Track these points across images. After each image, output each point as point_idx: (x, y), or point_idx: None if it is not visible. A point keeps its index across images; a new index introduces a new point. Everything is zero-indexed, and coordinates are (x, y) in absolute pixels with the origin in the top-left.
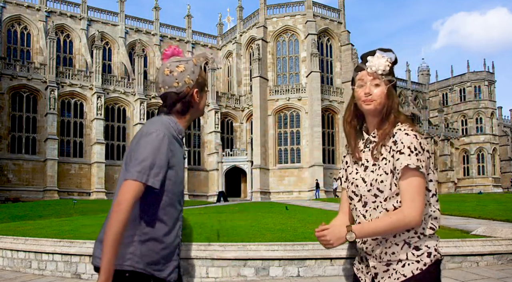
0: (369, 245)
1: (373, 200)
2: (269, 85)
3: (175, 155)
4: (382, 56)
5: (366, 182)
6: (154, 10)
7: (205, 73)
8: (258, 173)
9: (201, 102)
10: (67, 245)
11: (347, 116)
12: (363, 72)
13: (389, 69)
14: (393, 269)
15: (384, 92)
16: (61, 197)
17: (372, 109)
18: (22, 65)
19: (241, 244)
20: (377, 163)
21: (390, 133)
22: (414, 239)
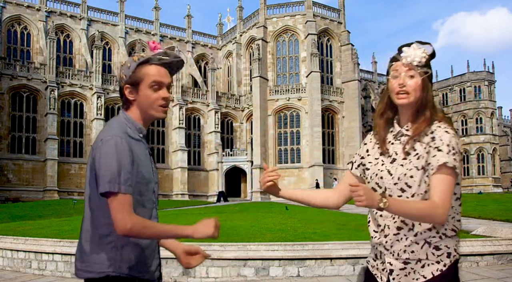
0: (389, 239)
1: (399, 194)
2: (269, 85)
3: (137, 156)
4: (419, 47)
5: (393, 175)
6: (154, 10)
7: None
8: (258, 173)
9: (140, 101)
10: (67, 245)
11: (379, 108)
12: (398, 63)
13: (425, 61)
14: (411, 268)
15: (419, 84)
16: (61, 197)
17: (406, 103)
18: (22, 65)
19: (241, 244)
20: (408, 157)
21: (426, 131)
22: (435, 239)
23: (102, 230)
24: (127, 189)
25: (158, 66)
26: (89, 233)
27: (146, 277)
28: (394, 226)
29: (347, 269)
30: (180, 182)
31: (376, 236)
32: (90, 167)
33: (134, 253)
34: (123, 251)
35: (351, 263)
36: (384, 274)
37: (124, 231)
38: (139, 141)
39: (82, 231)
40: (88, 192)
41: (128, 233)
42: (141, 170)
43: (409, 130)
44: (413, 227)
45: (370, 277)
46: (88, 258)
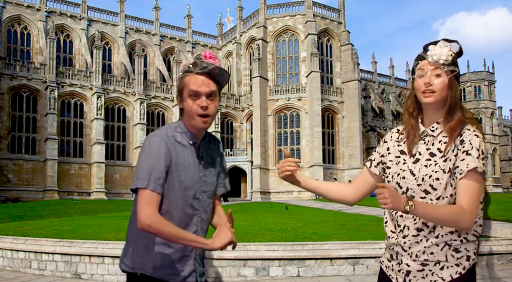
0: (408, 240)
1: (422, 196)
2: (269, 85)
3: (177, 160)
4: (445, 45)
5: (416, 176)
6: (154, 10)
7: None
8: (258, 173)
9: (186, 109)
10: (67, 245)
11: (409, 107)
12: (424, 61)
13: (452, 60)
14: (429, 270)
15: (446, 83)
16: (61, 197)
17: (432, 102)
18: (22, 65)
19: (241, 244)
20: (433, 158)
21: (460, 131)
22: (456, 242)
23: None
24: (156, 187)
25: (198, 75)
26: (130, 229)
27: (174, 280)
28: (414, 227)
29: (347, 269)
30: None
31: (394, 236)
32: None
33: (163, 255)
34: (151, 251)
35: (351, 263)
36: (400, 275)
37: (143, 226)
38: (187, 146)
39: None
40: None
41: (146, 228)
42: (180, 174)
43: (434, 131)
44: (434, 229)
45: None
46: (127, 252)
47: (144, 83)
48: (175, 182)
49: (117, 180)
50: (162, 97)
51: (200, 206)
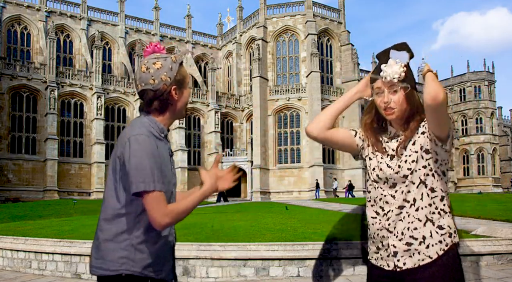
0: (392, 221)
1: (403, 181)
2: (269, 85)
3: (160, 154)
4: (395, 61)
5: (392, 167)
6: (154, 10)
7: (185, 70)
8: (258, 173)
9: (181, 99)
10: (67, 245)
11: (366, 119)
12: (379, 81)
13: (405, 74)
14: (415, 249)
15: (403, 98)
16: (61, 197)
17: (394, 118)
18: (22, 65)
19: (241, 244)
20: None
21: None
22: (435, 216)
23: (118, 228)
24: (162, 187)
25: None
26: (108, 230)
27: (160, 277)
28: (396, 206)
29: (347, 269)
30: (180, 182)
31: (376, 221)
32: (114, 168)
33: (149, 252)
34: (137, 250)
35: (351, 263)
36: (389, 259)
37: (163, 225)
38: (161, 140)
39: (98, 228)
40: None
41: (167, 226)
42: (164, 169)
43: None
44: (415, 203)
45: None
46: (103, 255)
47: None
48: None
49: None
50: None
51: (173, 200)
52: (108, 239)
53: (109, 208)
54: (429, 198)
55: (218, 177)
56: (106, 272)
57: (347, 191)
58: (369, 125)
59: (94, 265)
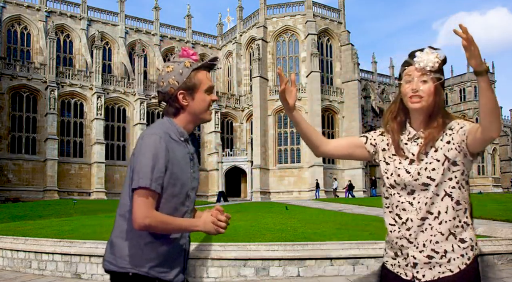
0: (413, 231)
1: (423, 189)
2: (269, 85)
3: (174, 157)
4: (432, 52)
5: (411, 173)
6: (154, 10)
7: (204, 76)
8: (258, 173)
9: (194, 105)
10: (67, 245)
11: (392, 110)
12: (411, 67)
13: (438, 66)
14: (436, 262)
15: (432, 90)
16: (61, 197)
17: (419, 108)
18: (22, 65)
19: (241, 244)
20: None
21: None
22: (458, 229)
23: (129, 226)
24: (157, 187)
25: (205, 71)
26: (120, 226)
27: (167, 278)
28: (417, 217)
29: (347, 269)
30: None
31: (394, 229)
32: (130, 165)
33: (157, 253)
34: (145, 250)
35: (351, 263)
36: (408, 269)
37: (141, 226)
38: (180, 143)
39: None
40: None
41: (143, 228)
42: (176, 172)
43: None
44: (439, 216)
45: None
46: (115, 251)
47: (144, 83)
48: (171, 180)
49: (117, 180)
50: None
51: (190, 203)
52: (120, 236)
53: (123, 204)
54: (454, 211)
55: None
56: (115, 268)
57: (347, 191)
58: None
59: (106, 259)
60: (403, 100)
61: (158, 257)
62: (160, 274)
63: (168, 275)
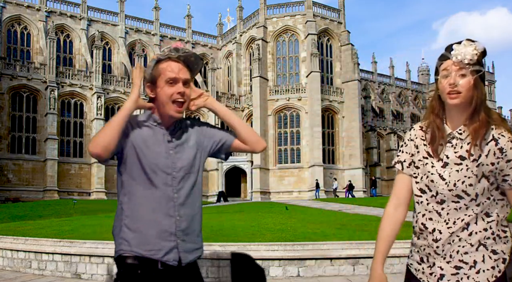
0: (441, 244)
1: (455, 201)
2: (269, 85)
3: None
4: (470, 44)
5: (446, 180)
6: (154, 10)
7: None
8: (258, 173)
9: (159, 97)
10: (67, 245)
11: (434, 108)
12: (448, 61)
13: (477, 59)
14: (464, 273)
15: (471, 83)
16: (61, 197)
17: (458, 104)
18: (22, 65)
19: (241, 244)
20: (464, 162)
21: (485, 135)
22: (489, 241)
23: (118, 209)
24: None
25: (174, 62)
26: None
27: (155, 257)
28: (449, 231)
29: (347, 269)
30: None
31: (422, 236)
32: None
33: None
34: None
35: (351, 263)
36: (432, 278)
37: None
38: (151, 127)
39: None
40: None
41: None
42: (146, 153)
43: (462, 133)
44: (468, 227)
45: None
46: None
47: (144, 83)
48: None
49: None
50: None
51: (175, 181)
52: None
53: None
54: (484, 223)
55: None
56: (115, 255)
57: (347, 191)
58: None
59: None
60: (441, 97)
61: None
62: (147, 252)
63: (156, 253)
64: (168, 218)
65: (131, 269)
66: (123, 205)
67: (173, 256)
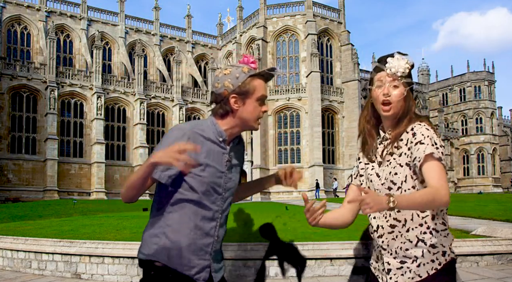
0: (385, 239)
1: (386, 193)
2: (269, 85)
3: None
4: (402, 58)
5: (380, 177)
6: (154, 10)
7: (260, 85)
8: (258, 173)
9: (244, 110)
10: (67, 245)
11: (365, 115)
12: (382, 73)
13: (408, 72)
14: (407, 267)
15: (403, 94)
16: (61, 197)
17: (390, 115)
18: (22, 65)
19: (241, 244)
20: (392, 157)
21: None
22: (427, 236)
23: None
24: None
25: (262, 80)
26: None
27: (186, 272)
28: (387, 224)
29: (347, 269)
30: None
31: (374, 235)
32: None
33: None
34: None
35: (351, 263)
36: (383, 274)
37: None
38: (214, 143)
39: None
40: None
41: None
42: (206, 169)
43: (391, 134)
44: (406, 223)
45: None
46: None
47: (144, 83)
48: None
49: (117, 180)
50: (162, 97)
51: (222, 202)
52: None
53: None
54: (419, 218)
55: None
56: (143, 257)
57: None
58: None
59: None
60: (375, 106)
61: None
62: (181, 267)
63: (187, 269)
64: (208, 238)
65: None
66: (168, 213)
67: (204, 274)
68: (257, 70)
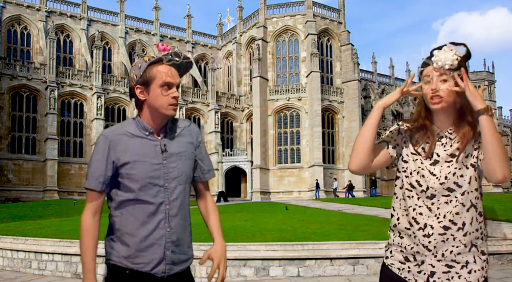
0: (433, 239)
1: (446, 194)
2: (269, 85)
3: (127, 152)
4: (450, 49)
5: (437, 176)
6: (154, 10)
7: (160, 70)
8: (258, 173)
9: (151, 99)
10: (67, 245)
11: (420, 111)
12: (429, 67)
13: (458, 64)
14: (456, 272)
15: (453, 89)
16: (61, 197)
17: (439, 109)
18: (22, 65)
19: (241, 244)
20: (454, 159)
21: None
22: (479, 241)
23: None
24: (97, 186)
25: (168, 66)
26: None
27: (143, 269)
28: (439, 225)
29: (347, 269)
30: None
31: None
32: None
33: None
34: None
35: (351, 263)
36: (420, 276)
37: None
38: (143, 138)
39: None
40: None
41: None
42: (135, 166)
43: (452, 133)
44: (463, 227)
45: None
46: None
47: None
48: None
49: None
50: None
51: (167, 193)
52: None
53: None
54: (477, 223)
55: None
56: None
57: (347, 191)
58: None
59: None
60: (425, 102)
61: (129, 248)
62: (135, 265)
63: (144, 266)
64: (158, 231)
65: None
66: (115, 218)
67: (161, 267)
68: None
